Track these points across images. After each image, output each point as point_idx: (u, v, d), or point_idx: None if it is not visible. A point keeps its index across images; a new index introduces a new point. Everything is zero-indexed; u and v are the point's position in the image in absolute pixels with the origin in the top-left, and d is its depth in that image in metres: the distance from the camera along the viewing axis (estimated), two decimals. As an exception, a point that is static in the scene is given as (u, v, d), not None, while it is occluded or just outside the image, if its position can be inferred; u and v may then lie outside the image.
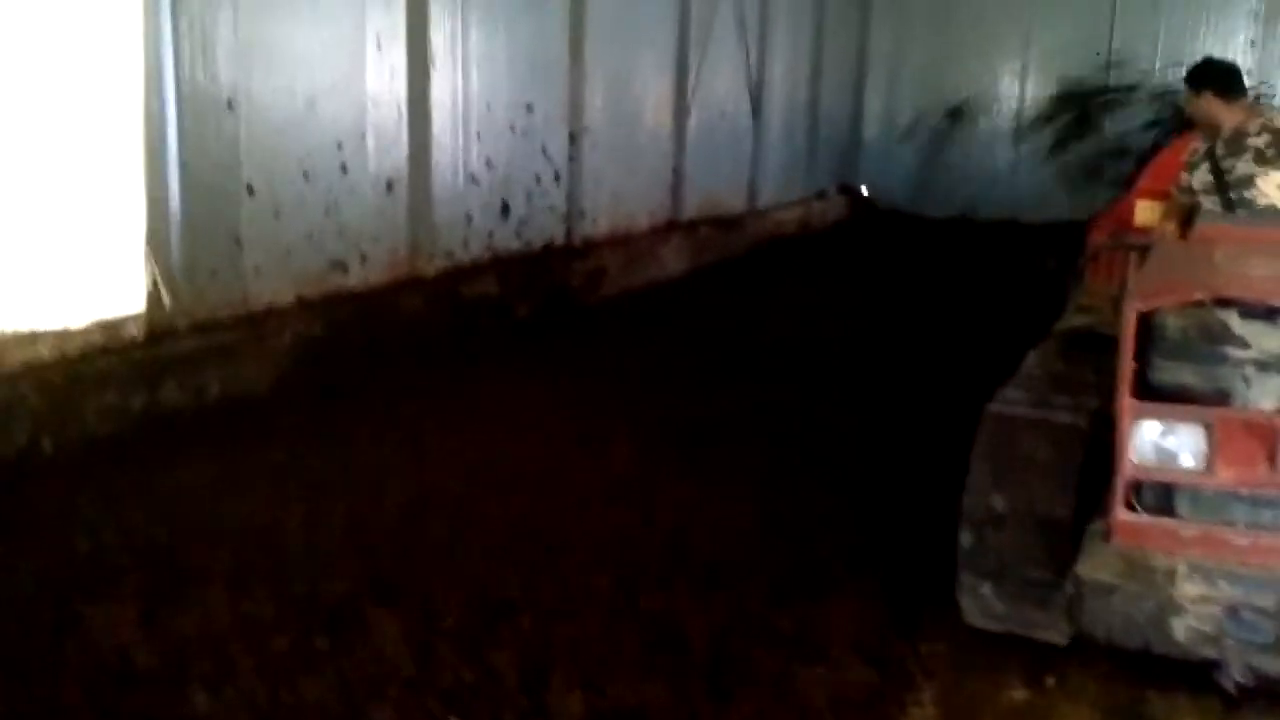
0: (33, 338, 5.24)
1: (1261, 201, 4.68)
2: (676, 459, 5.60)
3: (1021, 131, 16.71)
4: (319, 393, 6.41)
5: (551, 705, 3.36)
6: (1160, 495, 3.33)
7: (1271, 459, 3.15)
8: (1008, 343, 5.10)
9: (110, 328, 5.61)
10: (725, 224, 12.38)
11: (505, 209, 8.64)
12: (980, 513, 3.53)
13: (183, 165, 5.84)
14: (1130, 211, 5.97)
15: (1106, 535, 3.35)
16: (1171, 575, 3.21)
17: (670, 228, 11.29)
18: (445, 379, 6.98)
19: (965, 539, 3.56)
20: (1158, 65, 15.43)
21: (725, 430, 6.15)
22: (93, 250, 5.53)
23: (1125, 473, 3.26)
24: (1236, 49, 14.75)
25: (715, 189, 12.30)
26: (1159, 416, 3.21)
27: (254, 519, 4.70)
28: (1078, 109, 16.03)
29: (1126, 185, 7.30)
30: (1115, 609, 3.22)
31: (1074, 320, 4.86)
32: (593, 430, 6.02)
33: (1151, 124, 14.79)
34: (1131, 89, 15.53)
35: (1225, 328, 3.20)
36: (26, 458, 5.09)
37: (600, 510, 4.91)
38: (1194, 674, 3.29)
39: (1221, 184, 4.77)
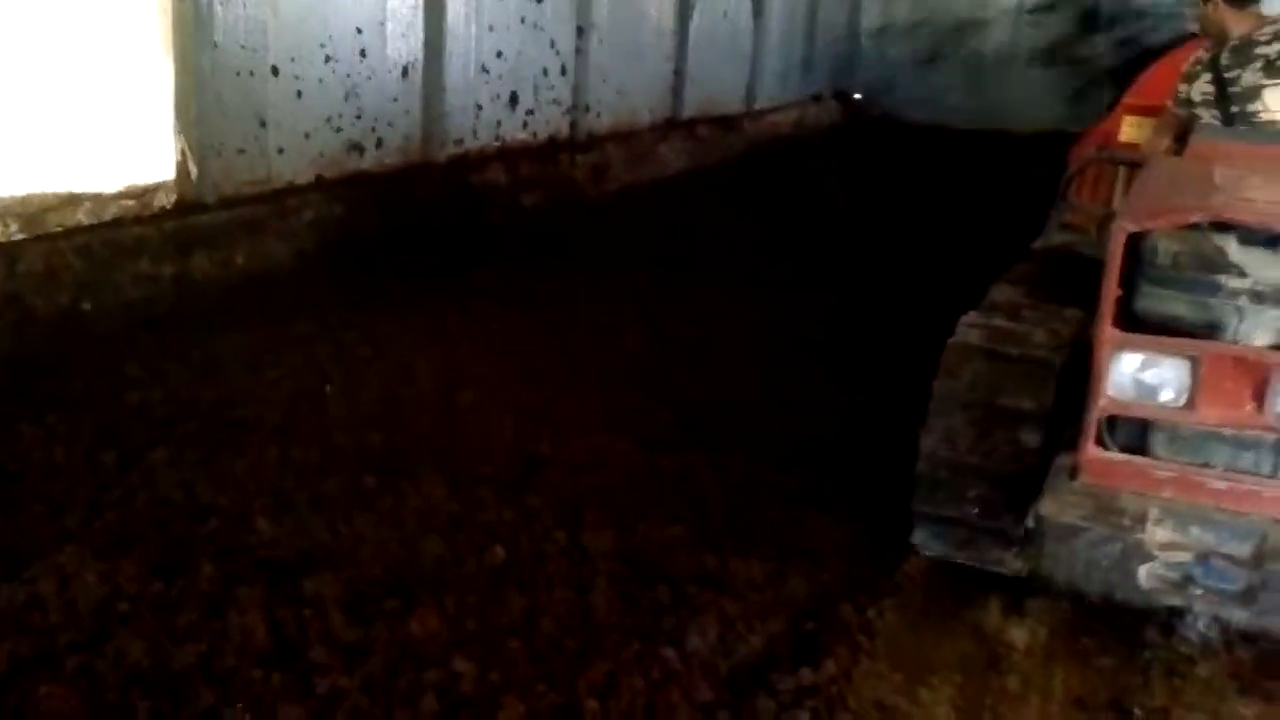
0: (72, 200, 5.45)
1: (1264, 116, 4.27)
2: (685, 345, 5.91)
3: (1016, 44, 16.86)
4: (340, 270, 6.65)
5: (586, 540, 3.69)
6: (1135, 433, 3.12)
7: (1259, 398, 2.93)
8: (989, 247, 5.38)
9: (142, 196, 5.82)
10: (724, 124, 12.55)
11: (514, 100, 8.81)
12: (938, 445, 3.35)
13: (213, 45, 5.99)
14: (1117, 126, 5.82)
15: (1073, 472, 3.15)
16: (1141, 518, 3.03)
17: (671, 126, 11.47)
18: (459, 263, 7.23)
19: (922, 472, 3.39)
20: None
21: (728, 320, 6.45)
22: (125, 120, 5.72)
23: (1100, 407, 3.04)
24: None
25: (715, 89, 12.45)
26: (1142, 348, 2.97)
27: (291, 383, 4.99)
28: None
29: (1114, 99, 6.93)
30: (1078, 552, 3.08)
31: (1054, 239, 4.53)
32: (605, 317, 6.31)
33: None
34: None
35: (1221, 254, 2.92)
36: (68, 318, 5.31)
37: (618, 388, 5.21)
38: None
39: (1223, 96, 4.36)
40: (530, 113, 9.05)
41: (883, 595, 3.52)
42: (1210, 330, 2.95)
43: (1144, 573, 3.04)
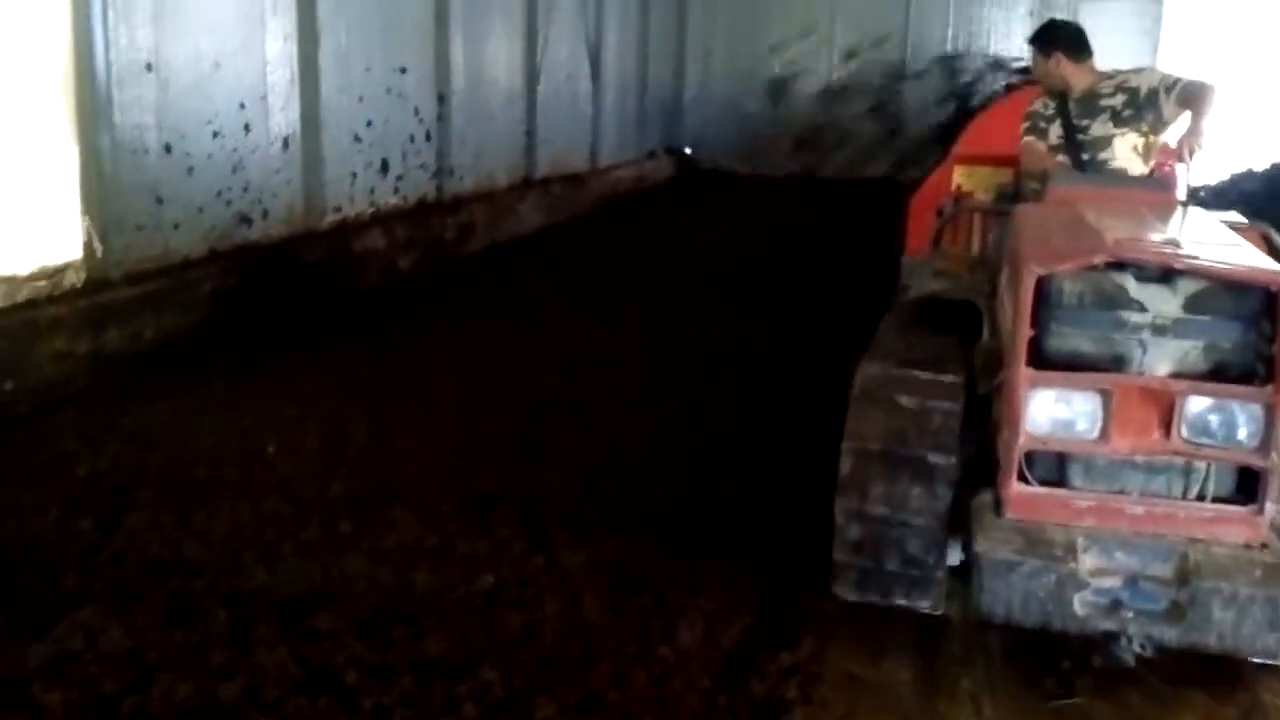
0: (-13, 285, 5.52)
1: (1114, 164, 4.66)
2: (595, 382, 6.33)
3: (828, 98, 18.01)
4: (240, 338, 6.81)
5: (563, 560, 4.05)
6: (1052, 466, 3.27)
7: (1166, 425, 3.10)
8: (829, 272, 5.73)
9: (53, 276, 5.89)
10: (573, 182, 13.09)
11: (385, 166, 9.10)
12: (855, 499, 3.52)
13: (111, 125, 6.14)
14: (949, 176, 6.27)
15: (998, 508, 3.28)
16: (1071, 548, 3.15)
17: (526, 185, 11.94)
18: (355, 323, 7.49)
19: (840, 522, 3.58)
20: (950, 34, 16.99)
21: (623, 358, 6.91)
22: (34, 204, 5.79)
23: (1020, 444, 3.18)
24: (1017, 19, 16.41)
25: (563, 149, 13.02)
26: (1057, 385, 3.13)
27: (232, 444, 5.16)
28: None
29: (944, 151, 7.46)
30: (1016, 586, 3.16)
31: (929, 285, 4.58)
32: (512, 361, 6.68)
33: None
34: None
35: (1123, 291, 3.12)
36: (-7, 400, 5.38)
37: (543, 425, 5.59)
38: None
39: (1074, 144, 4.71)
40: (400, 178, 9.35)
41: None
42: (1117, 364, 3.14)
43: (1078, 600, 3.14)
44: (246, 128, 7.36)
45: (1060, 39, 4.81)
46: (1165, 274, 3.11)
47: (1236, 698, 3.39)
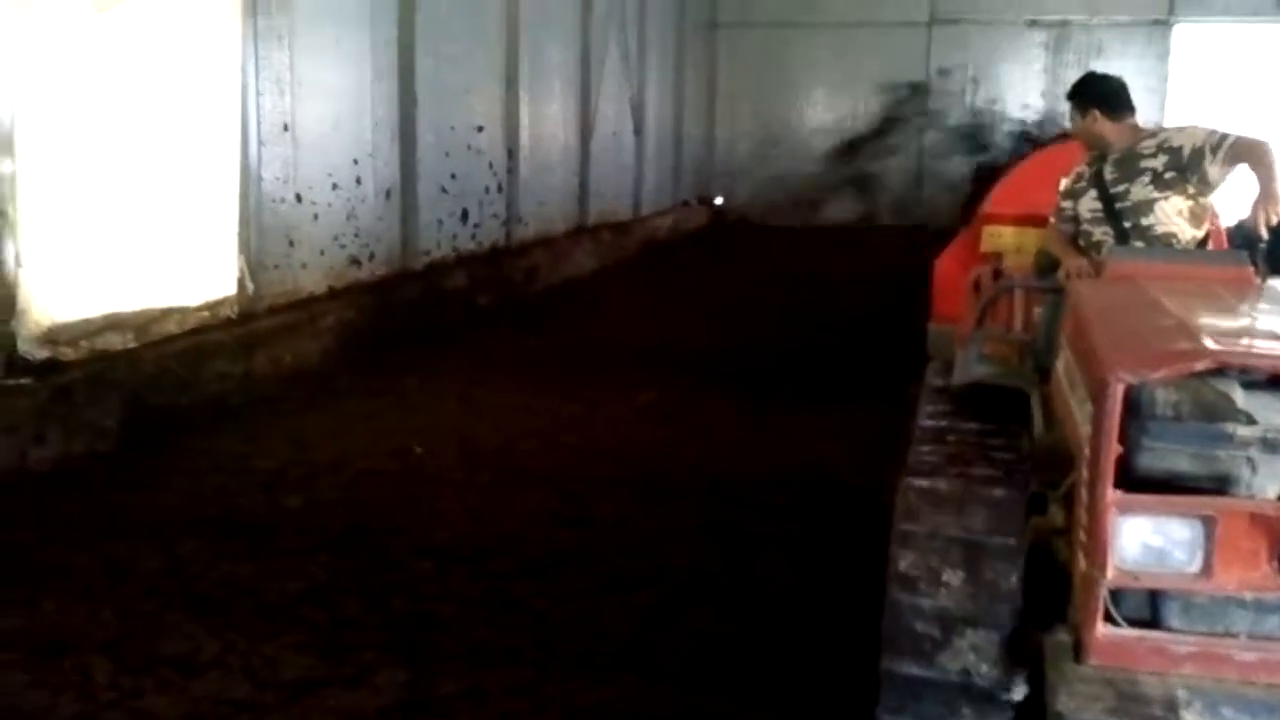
0: (166, 314, 6.50)
1: (1159, 230, 4.26)
2: (677, 400, 7.32)
3: (849, 152, 19.10)
4: (358, 363, 7.81)
5: (681, 523, 5.03)
6: (1142, 603, 2.76)
7: (1278, 557, 2.64)
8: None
9: (214, 308, 6.89)
10: (619, 229, 14.17)
11: (465, 215, 10.14)
12: (907, 623, 3.00)
13: (260, 178, 7.18)
14: (977, 238, 6.26)
15: (1077, 653, 2.75)
16: (1172, 705, 2.63)
17: (579, 232, 13.01)
18: (450, 351, 8.49)
19: (889, 659, 3.01)
20: (968, 89, 18.09)
21: (691, 378, 7.90)
22: (204, 246, 6.81)
23: (1108, 580, 2.66)
24: (1034, 75, 17.54)
25: (610, 199, 14.13)
26: (1153, 510, 2.64)
27: (382, 446, 6.11)
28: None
29: (968, 211, 7.54)
30: None
31: (975, 371, 4.09)
32: (608, 379, 7.72)
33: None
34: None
35: (1228, 401, 2.62)
36: (172, 411, 6.32)
37: (645, 429, 6.60)
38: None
39: (1112, 211, 4.34)
40: (477, 225, 10.40)
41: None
42: (1220, 485, 2.64)
43: None
44: (358, 180, 8.40)
45: (1097, 95, 4.51)
46: (1277, 380, 2.69)
47: None
